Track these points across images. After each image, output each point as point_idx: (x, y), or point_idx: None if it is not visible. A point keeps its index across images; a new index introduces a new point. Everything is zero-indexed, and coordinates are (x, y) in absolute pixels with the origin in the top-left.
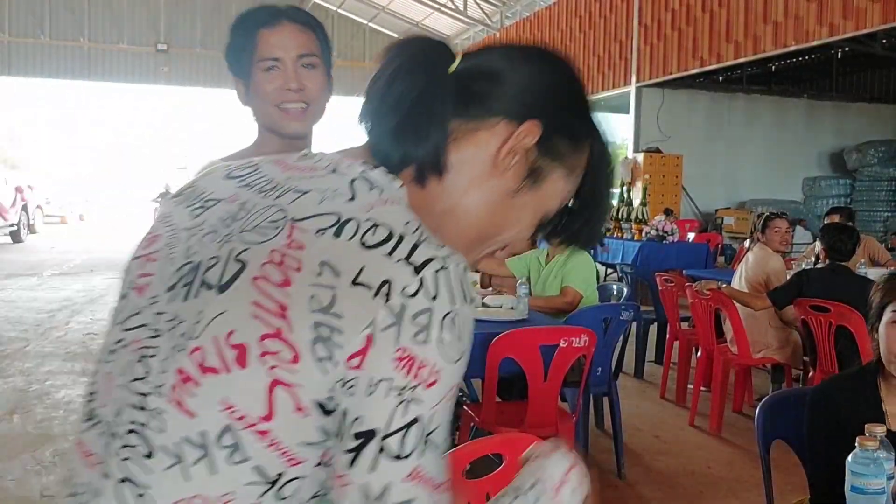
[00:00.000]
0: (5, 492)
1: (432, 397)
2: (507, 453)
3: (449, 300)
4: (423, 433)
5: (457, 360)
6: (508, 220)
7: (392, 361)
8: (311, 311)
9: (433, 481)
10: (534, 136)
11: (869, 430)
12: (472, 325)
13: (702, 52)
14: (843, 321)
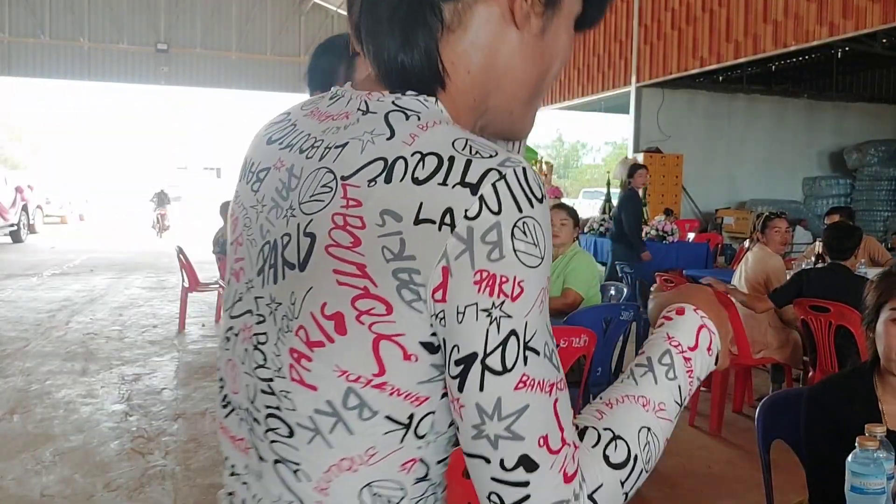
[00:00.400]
0: (5, 491)
1: (522, 308)
2: None
3: (515, 208)
4: (522, 344)
5: (537, 264)
6: (551, 57)
7: (472, 286)
8: (386, 261)
9: (544, 383)
10: None
11: (869, 430)
12: (547, 221)
13: (702, 51)
14: (842, 321)
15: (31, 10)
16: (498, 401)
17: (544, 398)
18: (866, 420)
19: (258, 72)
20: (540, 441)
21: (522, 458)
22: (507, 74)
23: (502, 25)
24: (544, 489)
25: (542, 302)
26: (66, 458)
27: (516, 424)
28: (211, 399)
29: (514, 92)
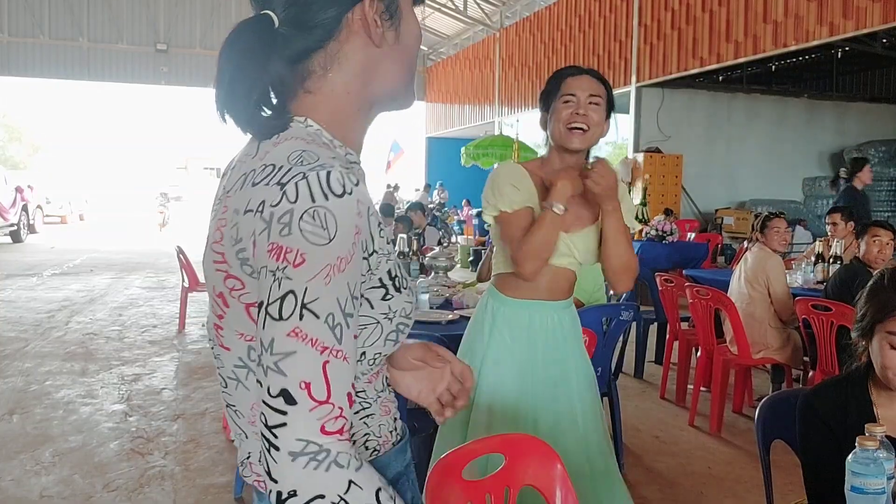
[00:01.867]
0: (4, 492)
1: (302, 274)
2: (507, 453)
3: (309, 199)
4: (300, 303)
5: (323, 244)
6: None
7: (266, 253)
8: (232, 246)
9: (316, 342)
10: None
11: (869, 429)
12: (344, 213)
13: (702, 51)
14: (843, 321)
15: (31, 9)
16: (272, 340)
17: (313, 353)
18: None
19: None
20: (301, 384)
21: (283, 391)
22: (384, 78)
23: (368, 50)
24: (298, 424)
25: (330, 276)
26: (65, 459)
27: (282, 362)
28: (211, 399)
29: (394, 85)
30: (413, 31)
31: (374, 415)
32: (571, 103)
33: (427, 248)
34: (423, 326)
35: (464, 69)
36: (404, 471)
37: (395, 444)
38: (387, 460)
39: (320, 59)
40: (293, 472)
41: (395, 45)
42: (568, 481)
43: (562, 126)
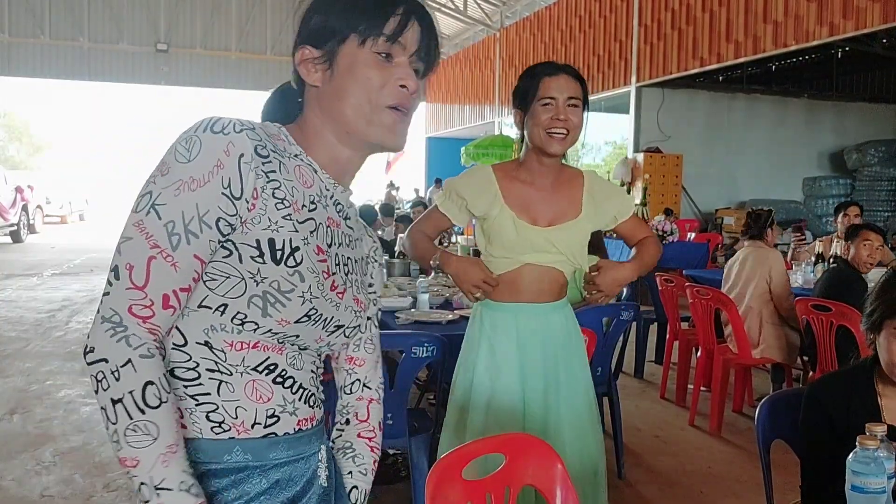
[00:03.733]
0: (5, 492)
1: (161, 183)
2: (507, 453)
3: (192, 130)
4: (151, 202)
5: (183, 162)
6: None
7: (157, 164)
8: None
9: (151, 238)
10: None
11: (869, 429)
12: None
13: (702, 51)
14: (843, 321)
15: (31, 10)
16: (125, 225)
17: (145, 245)
18: (865, 414)
19: (258, 72)
20: (127, 265)
21: (115, 267)
22: (330, 112)
23: (314, 90)
24: (115, 297)
25: (180, 191)
26: (66, 459)
27: (122, 244)
28: None
29: (341, 119)
30: (357, 74)
31: (231, 385)
32: (551, 107)
33: None
34: (423, 326)
35: (464, 69)
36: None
37: (263, 437)
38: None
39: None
40: (97, 333)
41: (330, 84)
42: (568, 481)
43: (542, 131)
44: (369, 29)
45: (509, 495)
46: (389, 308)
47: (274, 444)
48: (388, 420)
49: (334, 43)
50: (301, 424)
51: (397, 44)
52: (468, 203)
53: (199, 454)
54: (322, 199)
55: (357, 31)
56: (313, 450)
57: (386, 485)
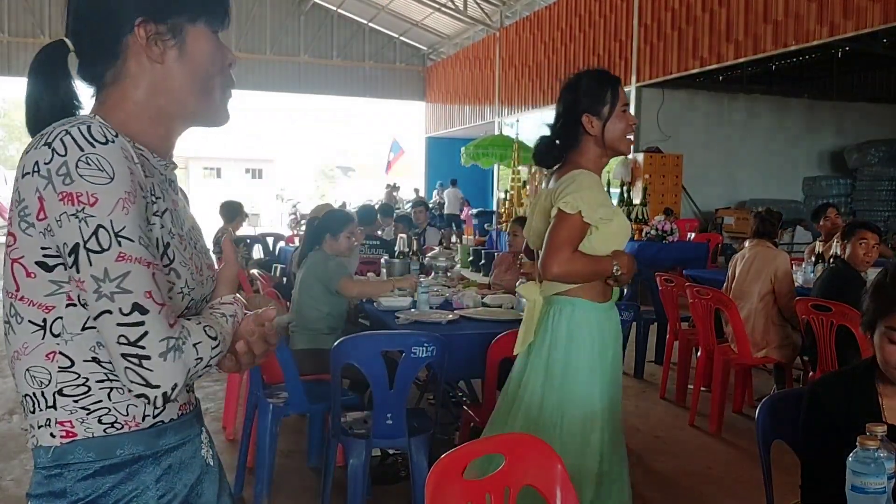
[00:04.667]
0: (4, 492)
1: (100, 210)
2: (507, 453)
3: (77, 149)
4: (113, 233)
5: (104, 182)
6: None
7: (59, 202)
8: (14, 208)
9: (142, 259)
10: (145, 29)
11: (870, 429)
12: (113, 155)
13: (702, 51)
14: (843, 321)
15: (31, 10)
16: (105, 270)
17: (143, 269)
18: (866, 414)
19: (258, 72)
20: (146, 294)
21: (134, 304)
22: (171, 92)
23: (149, 66)
24: (156, 327)
25: (126, 208)
26: None
27: (124, 282)
28: (210, 399)
29: (184, 99)
30: (204, 50)
31: (122, 389)
32: (626, 113)
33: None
34: (423, 326)
35: (464, 69)
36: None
37: (151, 427)
38: (123, 440)
39: (110, 74)
40: (169, 369)
41: (179, 61)
42: (568, 481)
43: (622, 136)
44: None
45: (509, 495)
46: (389, 308)
47: (162, 431)
48: (388, 420)
49: (182, 20)
50: (182, 409)
51: None
52: (606, 208)
53: (90, 453)
54: (164, 184)
55: (206, 10)
56: (196, 432)
57: (386, 485)
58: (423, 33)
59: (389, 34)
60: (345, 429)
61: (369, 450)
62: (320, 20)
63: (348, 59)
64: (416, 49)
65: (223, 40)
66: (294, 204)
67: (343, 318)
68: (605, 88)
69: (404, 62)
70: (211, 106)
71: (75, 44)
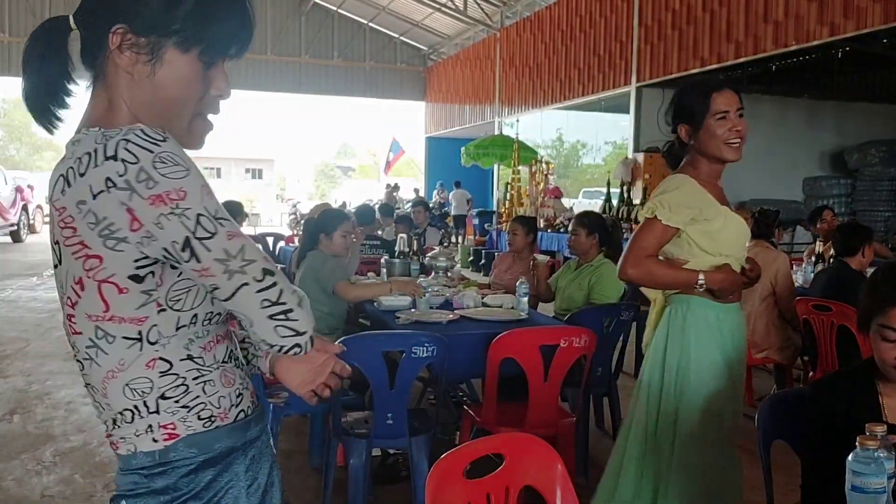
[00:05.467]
0: (5, 492)
1: (192, 201)
2: (507, 453)
3: (146, 151)
4: (212, 217)
5: (184, 175)
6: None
7: (151, 207)
8: (91, 230)
9: (242, 234)
10: (120, 35)
11: (869, 429)
12: (175, 149)
13: (702, 51)
14: (844, 321)
15: (31, 10)
16: (225, 249)
17: (249, 240)
18: (867, 414)
19: (258, 72)
20: (265, 258)
21: (264, 270)
22: (139, 104)
23: (125, 75)
24: (284, 283)
25: (210, 194)
26: (66, 459)
27: (246, 254)
28: None
29: (149, 115)
30: (180, 78)
31: (212, 381)
32: (726, 119)
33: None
34: (423, 326)
35: (464, 69)
36: (241, 446)
37: (234, 421)
38: (220, 434)
39: (100, 65)
40: (305, 314)
41: (147, 79)
42: (568, 481)
43: (720, 143)
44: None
45: (509, 495)
46: (389, 308)
47: (248, 423)
48: (388, 420)
49: (160, 37)
50: (252, 396)
51: None
52: (697, 211)
53: (192, 449)
54: None
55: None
56: (265, 422)
57: (387, 485)
58: (424, 33)
59: (390, 34)
60: (345, 429)
61: (370, 450)
62: (321, 20)
63: (349, 60)
64: (417, 49)
65: None
66: (294, 204)
67: (343, 318)
68: (696, 97)
69: (405, 62)
70: (172, 131)
71: (79, 22)
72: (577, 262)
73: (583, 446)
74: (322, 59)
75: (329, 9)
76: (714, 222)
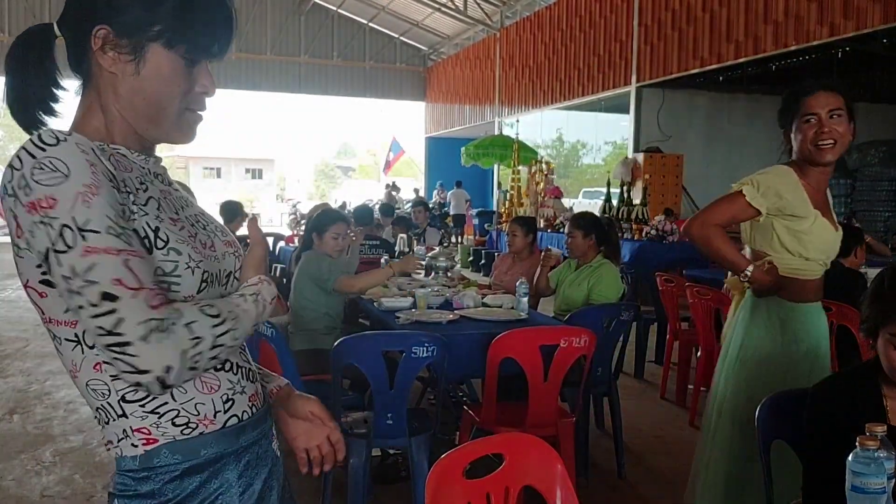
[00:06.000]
0: (5, 492)
1: (61, 210)
2: (507, 453)
3: (29, 157)
4: (77, 229)
5: (59, 182)
6: (159, 85)
7: (27, 214)
8: (5, 234)
9: (110, 249)
10: (102, 37)
11: (869, 429)
12: (66, 152)
13: (702, 51)
14: (844, 321)
15: (31, 9)
16: (72, 266)
17: (111, 258)
18: (870, 417)
19: (258, 72)
20: (114, 282)
21: (102, 293)
22: (125, 104)
23: (110, 76)
24: (132, 311)
25: (88, 200)
26: (66, 459)
27: (89, 274)
28: None
29: (134, 114)
30: (167, 77)
31: (183, 391)
32: (813, 122)
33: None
34: (423, 326)
35: (464, 69)
36: (234, 452)
37: (224, 427)
38: (206, 440)
39: (85, 69)
40: (156, 351)
41: (132, 78)
42: (568, 481)
43: (809, 145)
44: (190, 40)
45: (509, 495)
46: (390, 308)
47: (241, 429)
48: (388, 420)
49: (143, 37)
50: (252, 401)
51: None
52: (787, 203)
53: (176, 455)
54: (147, 177)
55: (175, 36)
56: (269, 424)
57: (386, 484)
58: (424, 33)
59: (390, 34)
60: (345, 429)
61: (370, 449)
62: (320, 20)
63: (348, 60)
64: (417, 49)
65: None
66: (294, 204)
67: (340, 317)
68: (788, 101)
69: (404, 62)
70: (160, 127)
71: (62, 29)
72: (576, 262)
73: (583, 446)
74: (322, 59)
75: (329, 9)
76: (802, 221)
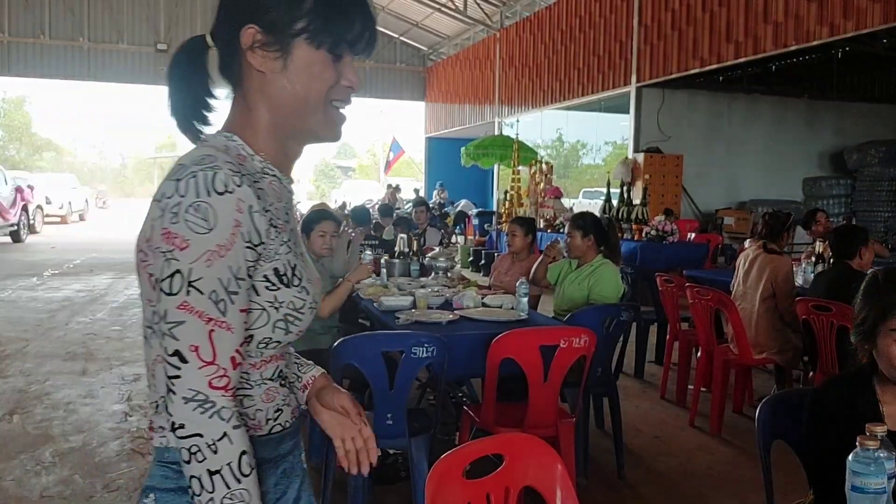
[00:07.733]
0: (5, 492)
1: (186, 257)
2: (506, 454)
3: (195, 194)
4: (186, 281)
5: (202, 232)
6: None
7: (161, 237)
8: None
9: (202, 314)
10: (250, 36)
11: (869, 429)
12: (225, 208)
13: (702, 52)
14: (844, 321)
15: (31, 10)
16: (165, 312)
17: (200, 323)
18: (868, 420)
19: None
20: (191, 347)
21: (176, 352)
22: (278, 104)
23: (258, 75)
24: (190, 378)
25: (211, 260)
26: (65, 459)
27: (175, 329)
28: None
29: (289, 112)
30: (313, 71)
31: (252, 397)
32: None
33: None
34: (423, 326)
35: (464, 69)
36: (273, 459)
37: (269, 434)
38: (255, 444)
39: (235, 77)
40: (184, 411)
41: (280, 75)
42: (568, 482)
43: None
44: (333, 35)
45: (509, 496)
46: (389, 308)
47: (282, 437)
48: (388, 420)
49: (288, 33)
50: (294, 413)
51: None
52: None
53: None
54: (289, 205)
55: (318, 31)
56: (300, 437)
57: (386, 485)
58: (424, 34)
59: (390, 34)
60: None
61: None
62: None
63: None
64: (417, 49)
65: None
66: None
67: (336, 316)
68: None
69: (405, 62)
70: (307, 122)
71: (215, 38)
72: (576, 261)
73: (583, 447)
74: None
75: None
76: None
